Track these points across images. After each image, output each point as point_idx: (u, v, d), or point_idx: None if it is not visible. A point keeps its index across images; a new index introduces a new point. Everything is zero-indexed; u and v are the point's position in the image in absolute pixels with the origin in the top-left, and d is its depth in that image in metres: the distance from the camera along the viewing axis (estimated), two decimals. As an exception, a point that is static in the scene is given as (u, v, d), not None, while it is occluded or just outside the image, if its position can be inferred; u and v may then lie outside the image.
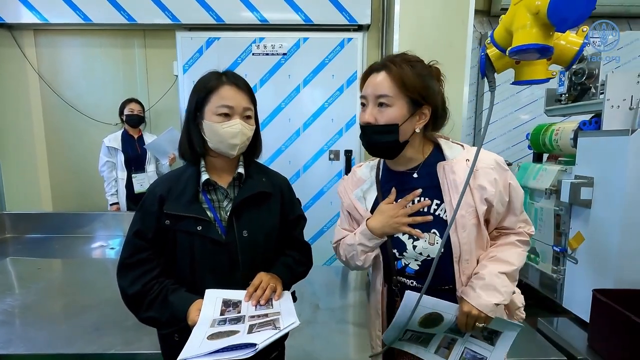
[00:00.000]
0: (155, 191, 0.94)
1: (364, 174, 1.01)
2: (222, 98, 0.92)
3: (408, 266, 0.91)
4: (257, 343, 0.72)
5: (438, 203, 0.88)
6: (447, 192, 0.86)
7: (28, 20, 2.91)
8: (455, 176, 0.86)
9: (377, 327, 0.98)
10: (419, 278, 0.90)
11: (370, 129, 0.86)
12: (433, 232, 0.88)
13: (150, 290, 0.90)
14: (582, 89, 1.58)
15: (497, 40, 0.78)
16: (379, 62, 0.89)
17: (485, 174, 0.86)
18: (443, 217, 0.88)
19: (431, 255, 0.88)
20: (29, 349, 1.24)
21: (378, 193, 0.95)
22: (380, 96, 0.84)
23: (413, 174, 0.92)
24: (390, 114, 0.84)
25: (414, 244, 0.89)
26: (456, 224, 0.85)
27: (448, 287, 0.90)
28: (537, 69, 0.79)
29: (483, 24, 3.08)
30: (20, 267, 2.08)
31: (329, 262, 3.08)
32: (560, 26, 0.68)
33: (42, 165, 3.35)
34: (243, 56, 2.87)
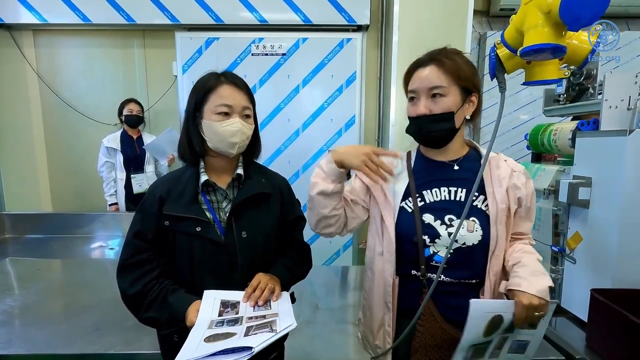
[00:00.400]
0: (155, 192, 0.94)
1: (394, 160, 1.01)
2: (221, 97, 0.92)
3: (437, 254, 0.89)
4: (253, 346, 0.72)
5: (476, 194, 0.90)
6: (489, 184, 0.91)
7: (27, 20, 2.91)
8: (500, 171, 0.92)
9: (387, 322, 0.95)
10: (450, 268, 0.89)
11: (426, 119, 0.89)
12: (473, 220, 0.89)
13: (150, 290, 0.91)
14: (580, 90, 1.58)
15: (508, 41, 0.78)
16: (425, 57, 0.93)
17: (519, 176, 0.92)
18: (482, 208, 0.90)
19: (467, 243, 0.88)
20: (29, 349, 1.24)
21: (410, 178, 0.95)
22: (434, 87, 0.88)
23: (454, 166, 0.94)
24: (445, 103, 0.88)
25: (448, 231, 0.88)
26: (497, 217, 0.88)
27: (475, 282, 0.90)
28: (548, 69, 0.78)
29: (482, 25, 3.09)
30: (20, 268, 2.08)
31: (328, 262, 3.08)
32: (572, 25, 0.67)
33: (41, 165, 3.35)
34: (242, 56, 2.87)
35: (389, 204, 0.94)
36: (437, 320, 0.89)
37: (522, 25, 0.73)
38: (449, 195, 0.92)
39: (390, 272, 0.93)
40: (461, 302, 0.89)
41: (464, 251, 0.87)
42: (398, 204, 0.94)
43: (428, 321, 0.89)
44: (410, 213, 0.92)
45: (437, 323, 0.89)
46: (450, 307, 0.90)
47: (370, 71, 3.04)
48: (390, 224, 0.92)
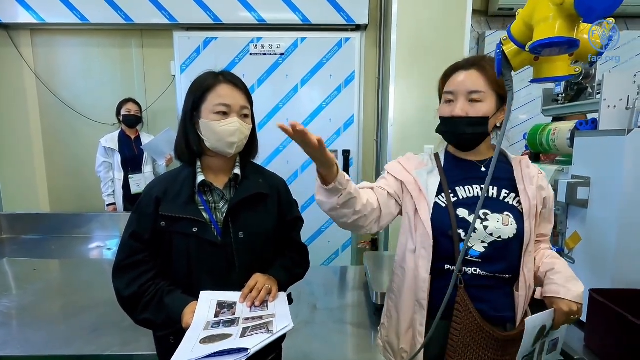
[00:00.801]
0: (152, 192, 0.93)
1: (424, 158, 1.03)
2: (219, 96, 0.92)
3: (472, 248, 0.90)
4: (249, 348, 0.72)
5: (507, 192, 0.94)
6: (521, 182, 0.94)
7: (25, 20, 2.90)
8: (530, 170, 0.96)
9: (419, 321, 0.93)
10: (485, 263, 0.89)
11: (462, 121, 0.91)
12: (507, 214, 0.90)
13: (146, 292, 0.90)
14: (578, 89, 1.58)
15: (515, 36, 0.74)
16: (466, 61, 0.95)
17: (543, 178, 0.97)
18: (514, 204, 0.93)
19: (502, 236, 0.89)
20: (26, 351, 1.23)
21: (442, 177, 0.97)
22: (473, 92, 0.90)
23: (481, 167, 0.97)
24: (482, 108, 0.91)
25: (484, 224, 0.89)
26: (530, 212, 0.90)
27: (509, 277, 0.91)
28: (558, 66, 0.74)
29: (481, 24, 3.09)
30: (17, 268, 2.07)
31: (326, 263, 3.08)
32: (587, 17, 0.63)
33: (39, 165, 3.34)
34: (241, 56, 2.87)
35: (424, 198, 0.94)
36: (475, 317, 0.87)
37: (531, 18, 0.68)
38: (481, 192, 0.93)
39: (426, 268, 0.92)
40: (497, 297, 0.91)
41: (499, 244, 0.89)
42: (432, 200, 0.94)
43: (465, 319, 0.87)
44: (444, 208, 0.93)
45: (474, 320, 0.87)
46: (485, 301, 0.90)
47: (369, 71, 3.03)
48: (426, 219, 0.92)
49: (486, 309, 0.89)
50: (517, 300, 0.91)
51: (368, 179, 3.16)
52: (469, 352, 0.87)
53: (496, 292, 0.91)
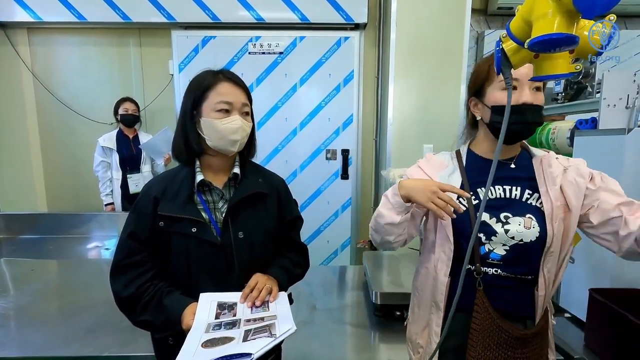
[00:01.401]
0: (150, 192, 0.92)
1: (445, 159, 1.00)
2: (220, 94, 0.91)
3: (493, 252, 0.89)
4: (252, 352, 0.71)
5: (530, 193, 0.91)
6: (543, 183, 0.90)
7: (22, 18, 2.88)
8: (552, 169, 0.91)
9: (435, 321, 0.94)
10: (505, 265, 0.89)
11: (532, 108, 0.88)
12: (529, 217, 0.88)
13: (144, 293, 0.89)
14: (578, 88, 1.58)
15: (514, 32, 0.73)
16: None
17: (574, 170, 0.91)
18: (537, 205, 0.90)
19: (524, 239, 0.87)
20: (23, 352, 1.23)
21: (463, 179, 0.94)
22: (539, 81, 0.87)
23: (510, 164, 0.94)
24: (541, 98, 0.90)
25: (505, 227, 0.88)
26: (552, 215, 0.87)
27: (530, 278, 0.90)
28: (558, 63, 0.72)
29: (480, 23, 3.08)
30: (14, 269, 2.06)
31: (326, 262, 3.07)
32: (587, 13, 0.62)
33: (36, 165, 3.32)
34: (239, 55, 2.86)
35: None
36: (493, 317, 0.87)
37: (529, 15, 0.67)
38: (504, 193, 0.92)
39: (445, 271, 0.92)
40: (517, 295, 0.90)
41: (521, 247, 0.88)
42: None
43: (484, 320, 0.88)
44: (465, 211, 0.91)
45: (493, 320, 0.87)
46: (504, 299, 0.90)
47: (368, 70, 3.03)
48: (447, 223, 0.91)
49: (506, 307, 0.90)
50: (537, 299, 0.90)
51: (367, 179, 3.17)
52: (488, 352, 0.88)
53: (516, 291, 0.90)
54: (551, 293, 0.93)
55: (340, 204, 3.02)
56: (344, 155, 2.97)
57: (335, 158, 2.98)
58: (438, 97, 2.56)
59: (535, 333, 0.90)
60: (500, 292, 0.90)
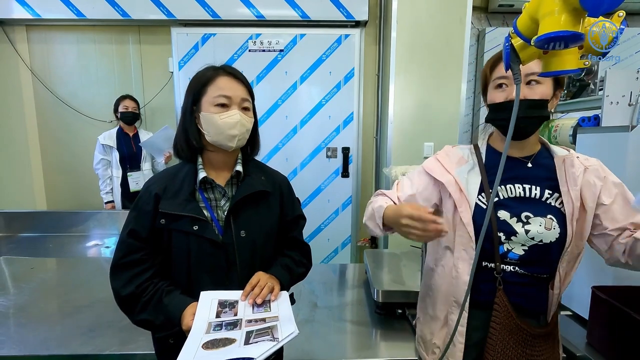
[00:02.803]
0: (151, 189, 0.91)
1: (465, 154, 0.98)
2: (219, 88, 0.90)
3: (511, 251, 0.89)
4: (255, 357, 0.70)
5: (550, 193, 0.90)
6: (564, 183, 0.89)
7: (20, 15, 2.86)
8: (574, 169, 0.89)
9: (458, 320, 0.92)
10: (524, 265, 0.89)
11: (522, 103, 0.84)
12: (550, 218, 0.87)
13: (144, 291, 0.88)
14: (581, 86, 1.57)
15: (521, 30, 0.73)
16: None
17: (593, 170, 0.90)
18: (557, 206, 0.89)
19: (544, 240, 0.87)
20: (22, 351, 1.22)
21: (483, 176, 0.93)
22: (531, 73, 0.86)
23: (527, 163, 0.92)
24: (541, 91, 0.86)
25: (525, 228, 0.87)
26: (573, 215, 0.87)
27: (546, 276, 0.90)
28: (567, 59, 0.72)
29: (481, 21, 3.07)
30: (14, 267, 2.05)
31: (326, 261, 3.07)
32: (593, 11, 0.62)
33: (35, 163, 3.31)
34: (239, 52, 2.85)
35: (465, 200, 0.91)
36: (513, 316, 0.88)
37: (536, 12, 0.68)
38: (524, 192, 0.90)
39: (467, 270, 0.91)
40: (532, 291, 0.91)
41: (540, 248, 0.87)
42: (474, 200, 0.91)
43: (504, 319, 0.88)
44: (485, 209, 0.90)
45: (512, 319, 0.88)
46: (520, 294, 0.90)
47: (369, 68, 3.02)
48: (468, 221, 0.90)
49: (521, 302, 0.90)
50: (551, 297, 0.91)
51: (367, 177, 3.16)
52: (507, 350, 0.88)
53: (531, 287, 0.91)
54: (563, 291, 0.93)
55: (340, 202, 3.02)
56: (345, 153, 2.97)
57: (336, 156, 2.97)
58: (439, 94, 2.55)
59: (549, 331, 0.91)
60: (516, 288, 0.90)
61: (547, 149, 0.96)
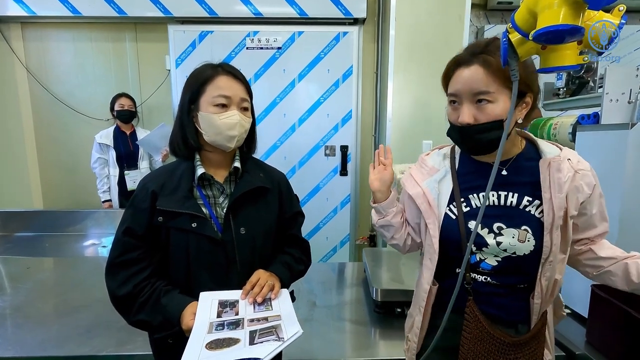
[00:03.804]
0: (147, 187, 0.90)
1: (436, 162, 0.94)
2: (218, 88, 0.89)
3: (484, 261, 0.84)
4: (262, 358, 0.69)
5: (530, 200, 0.82)
6: (547, 190, 0.80)
7: (15, 12, 2.84)
8: (561, 175, 0.80)
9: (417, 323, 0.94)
10: (496, 275, 0.84)
11: (472, 129, 0.79)
12: (524, 229, 0.81)
13: (141, 291, 0.87)
14: (580, 83, 1.57)
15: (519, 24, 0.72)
16: (466, 55, 0.82)
17: (584, 175, 0.82)
18: (536, 215, 0.81)
19: (517, 253, 0.81)
20: (18, 352, 1.20)
21: (454, 184, 0.88)
22: (479, 93, 0.78)
23: (502, 170, 0.85)
24: (493, 111, 0.78)
25: (497, 239, 0.82)
26: (552, 225, 0.79)
27: (524, 286, 0.86)
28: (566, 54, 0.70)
29: (479, 18, 3.06)
30: (10, 267, 2.03)
31: (325, 259, 3.07)
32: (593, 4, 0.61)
33: (32, 162, 3.29)
34: (237, 50, 2.83)
35: (433, 212, 0.88)
36: (484, 326, 0.84)
37: (535, 5, 0.66)
38: (498, 200, 0.84)
39: (428, 280, 0.90)
40: (508, 302, 0.86)
41: (514, 260, 0.82)
42: (443, 212, 0.88)
43: (474, 328, 0.84)
44: (454, 219, 0.86)
45: (484, 329, 0.84)
46: (497, 306, 0.86)
47: (367, 65, 3.00)
48: (434, 234, 0.87)
49: (498, 313, 0.86)
50: (533, 306, 0.85)
51: (366, 175, 3.14)
52: (478, 359, 0.85)
53: (509, 298, 0.86)
54: (550, 299, 0.88)
55: (339, 201, 3.01)
56: (343, 151, 2.95)
57: (334, 154, 2.96)
58: (437, 92, 2.50)
59: (530, 337, 0.86)
60: (491, 298, 0.86)
61: (534, 146, 0.88)
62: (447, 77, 0.86)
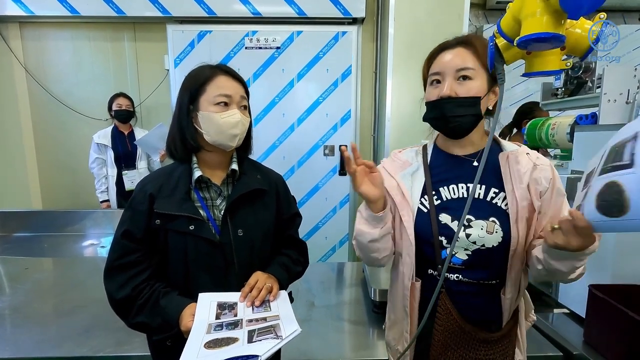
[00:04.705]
0: (145, 189, 0.90)
1: (409, 156, 0.95)
2: (219, 87, 0.89)
3: (455, 256, 0.85)
4: (260, 354, 0.69)
5: (496, 192, 0.85)
6: (509, 181, 0.84)
7: (13, 12, 2.83)
8: (520, 166, 0.84)
9: (405, 328, 0.92)
10: (467, 269, 0.85)
11: (452, 101, 0.82)
12: (492, 221, 0.83)
13: (140, 294, 0.87)
14: (578, 83, 1.57)
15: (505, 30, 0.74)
16: (452, 40, 0.87)
17: (542, 169, 0.85)
18: (502, 207, 0.84)
19: (486, 245, 0.83)
20: (15, 353, 1.20)
21: (426, 177, 0.90)
22: (463, 69, 0.82)
23: (472, 162, 0.88)
24: (473, 87, 0.82)
25: (466, 232, 0.83)
26: (517, 216, 0.82)
27: (495, 282, 0.86)
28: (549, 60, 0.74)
29: (478, 18, 3.06)
30: (9, 267, 2.03)
31: (324, 259, 3.07)
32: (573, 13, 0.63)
33: (30, 162, 3.28)
34: (235, 50, 2.82)
35: (407, 204, 0.88)
36: (456, 319, 0.85)
37: (519, 13, 0.70)
38: (467, 193, 0.86)
39: (409, 275, 0.89)
40: (481, 302, 0.87)
41: (484, 253, 0.83)
42: (416, 204, 0.89)
43: (446, 320, 0.86)
44: (426, 213, 0.87)
45: (455, 322, 0.85)
46: (469, 307, 0.87)
47: (366, 65, 3.00)
48: (409, 226, 0.87)
49: (471, 314, 0.87)
50: (504, 303, 0.87)
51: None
52: (449, 352, 0.87)
53: (481, 297, 0.87)
54: (517, 296, 0.89)
55: (338, 201, 3.01)
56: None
57: (333, 154, 2.96)
58: (436, 92, 2.54)
59: (501, 335, 0.87)
60: (465, 298, 0.87)
61: (497, 143, 0.91)
62: (430, 60, 0.89)
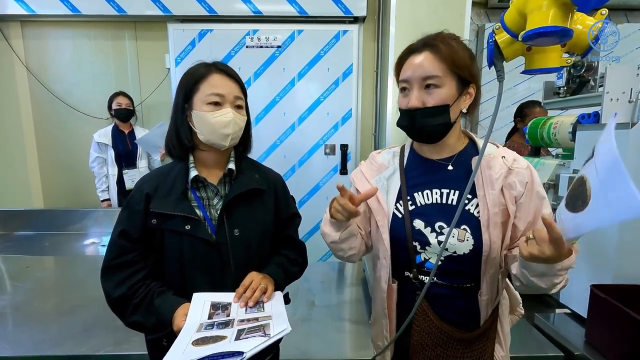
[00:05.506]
0: (142, 189, 0.90)
1: (386, 159, 0.95)
2: (212, 86, 0.88)
3: (428, 261, 0.85)
4: (244, 351, 0.69)
5: (469, 198, 0.83)
6: (481, 187, 0.82)
7: (14, 11, 2.83)
8: (492, 172, 0.82)
9: (385, 327, 0.93)
10: (442, 275, 0.85)
11: (419, 112, 0.81)
12: (464, 229, 0.82)
13: (136, 293, 0.87)
14: (580, 82, 1.56)
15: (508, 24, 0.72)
16: (419, 43, 0.85)
17: (518, 173, 0.83)
18: (474, 214, 0.82)
19: (458, 252, 0.82)
20: (15, 352, 1.21)
21: (402, 182, 0.89)
22: (428, 77, 0.80)
23: (448, 166, 0.87)
24: (440, 95, 0.80)
25: (438, 239, 0.83)
26: (489, 222, 0.80)
27: (471, 286, 0.86)
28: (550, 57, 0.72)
29: (480, 16, 3.05)
30: (9, 265, 2.04)
31: (324, 258, 3.06)
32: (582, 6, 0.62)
33: (32, 160, 3.29)
34: (236, 49, 2.82)
35: (383, 209, 0.88)
36: (432, 320, 0.86)
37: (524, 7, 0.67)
38: (441, 199, 0.86)
39: (385, 279, 0.90)
40: (457, 303, 0.87)
41: (455, 259, 0.83)
42: (392, 209, 0.89)
43: (423, 321, 0.86)
44: (400, 218, 0.87)
45: (432, 322, 0.86)
46: (446, 308, 0.87)
47: (367, 64, 2.99)
48: (384, 231, 0.88)
49: (448, 315, 0.87)
50: (481, 304, 0.86)
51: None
52: (426, 351, 0.87)
53: (457, 299, 0.87)
54: (499, 296, 0.89)
55: (338, 200, 3.00)
56: (343, 150, 2.95)
57: (334, 153, 2.96)
58: (438, 91, 2.53)
59: (478, 334, 0.87)
60: (442, 301, 0.87)
61: (474, 144, 0.89)
62: (400, 64, 0.88)
